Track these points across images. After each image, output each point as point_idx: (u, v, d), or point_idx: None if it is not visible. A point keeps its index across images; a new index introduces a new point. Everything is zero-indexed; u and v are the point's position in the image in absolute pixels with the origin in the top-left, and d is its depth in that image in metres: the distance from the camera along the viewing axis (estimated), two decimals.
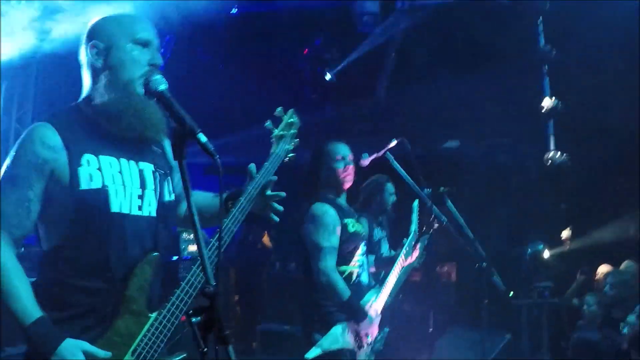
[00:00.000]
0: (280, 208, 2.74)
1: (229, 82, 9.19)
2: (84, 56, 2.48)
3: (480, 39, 7.91)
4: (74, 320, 2.34)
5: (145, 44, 2.44)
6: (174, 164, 2.60)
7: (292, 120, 2.94)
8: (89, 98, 2.46)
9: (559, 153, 7.27)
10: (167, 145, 2.62)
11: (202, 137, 2.04)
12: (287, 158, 2.88)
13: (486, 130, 8.43)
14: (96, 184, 2.36)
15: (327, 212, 4.26)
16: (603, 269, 6.93)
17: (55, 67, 7.12)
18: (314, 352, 4.06)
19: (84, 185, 2.34)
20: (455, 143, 9.02)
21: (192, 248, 7.50)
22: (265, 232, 10.13)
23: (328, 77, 8.86)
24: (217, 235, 2.27)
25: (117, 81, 2.40)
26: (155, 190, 2.51)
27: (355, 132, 9.14)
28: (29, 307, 2.25)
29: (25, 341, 2.32)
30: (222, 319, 1.92)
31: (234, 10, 9.07)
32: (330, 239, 4.20)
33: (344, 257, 4.30)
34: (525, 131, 7.95)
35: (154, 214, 2.49)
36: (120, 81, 2.40)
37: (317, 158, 4.47)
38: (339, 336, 4.15)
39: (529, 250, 7.20)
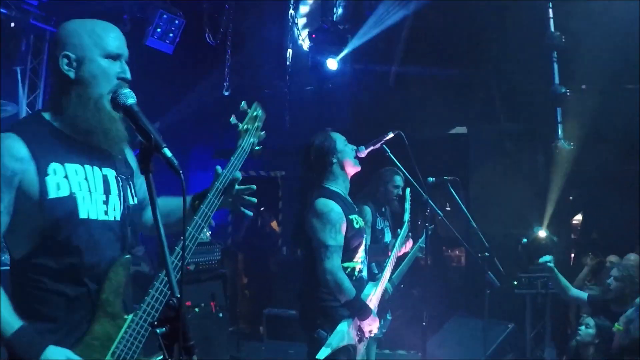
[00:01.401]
0: (254, 200, 2.76)
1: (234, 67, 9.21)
2: (54, 63, 2.46)
3: (490, 23, 7.83)
4: (52, 327, 2.35)
5: (115, 57, 2.45)
6: (135, 168, 2.63)
7: (256, 113, 2.92)
8: (57, 109, 2.46)
9: (566, 142, 7.19)
10: (128, 151, 2.66)
11: (167, 152, 2.04)
12: (254, 152, 2.89)
13: (494, 117, 8.36)
14: (64, 192, 2.38)
15: (333, 209, 4.22)
16: (612, 259, 6.88)
17: None
18: (325, 351, 4.06)
19: (52, 194, 2.35)
20: (463, 129, 8.96)
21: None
22: (274, 218, 10.18)
23: (332, 64, 8.83)
24: (181, 240, 2.32)
25: (87, 96, 2.40)
26: (119, 195, 2.53)
27: (366, 117, 9.08)
28: (7, 317, 2.26)
29: (6, 352, 2.31)
30: (187, 329, 1.95)
31: None
32: (337, 238, 4.18)
33: (349, 253, 4.29)
34: (534, 117, 7.87)
35: (119, 218, 2.51)
36: (91, 97, 2.40)
37: (323, 147, 4.41)
38: (345, 333, 4.15)
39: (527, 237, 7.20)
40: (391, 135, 4.72)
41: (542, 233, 7.34)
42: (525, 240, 7.30)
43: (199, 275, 7.28)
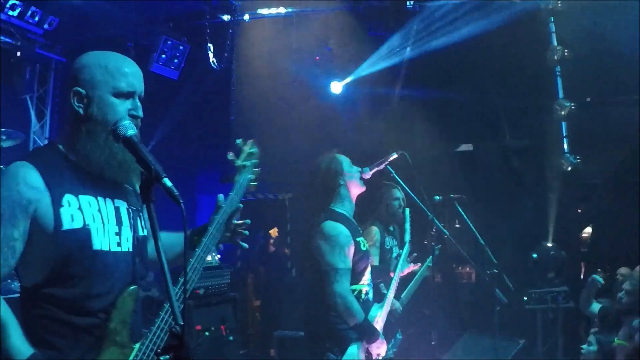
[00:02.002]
0: (246, 233, 2.84)
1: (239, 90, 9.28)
2: (66, 97, 2.48)
3: (494, 39, 7.86)
4: (61, 355, 2.35)
5: (127, 95, 2.46)
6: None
7: (252, 150, 3.02)
8: (69, 141, 2.48)
9: (572, 156, 7.18)
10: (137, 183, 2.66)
11: (167, 182, 2.08)
12: (251, 188, 2.99)
13: (500, 133, 8.36)
14: (78, 224, 2.39)
15: (341, 232, 4.25)
16: (623, 271, 6.83)
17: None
18: None
19: (67, 225, 2.36)
20: (469, 146, 8.97)
21: (208, 258, 7.51)
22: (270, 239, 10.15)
23: (336, 89, 8.90)
24: (184, 272, 2.33)
25: (97, 132, 2.42)
26: (130, 226, 2.56)
27: (371, 137, 9.12)
28: (19, 345, 2.27)
29: None
30: (191, 357, 1.95)
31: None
32: (346, 261, 4.21)
33: (356, 276, 4.30)
34: (540, 133, 7.86)
35: (131, 249, 2.54)
36: (100, 133, 2.42)
37: (330, 169, 4.46)
38: (355, 356, 4.16)
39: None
40: (395, 155, 4.75)
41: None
42: (535, 255, 7.28)
43: (208, 299, 7.28)
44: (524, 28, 7.49)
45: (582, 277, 8.58)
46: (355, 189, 4.49)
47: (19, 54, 7.84)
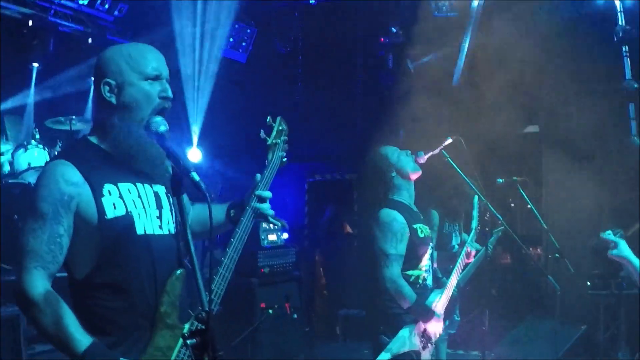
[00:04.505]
0: (272, 212, 2.87)
1: (306, 73, 9.37)
2: (97, 91, 2.58)
3: (561, 16, 7.69)
4: (116, 341, 2.46)
5: (155, 78, 2.56)
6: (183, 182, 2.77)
7: (281, 127, 3.04)
8: (102, 133, 2.60)
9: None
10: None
11: (195, 176, 2.22)
12: (282, 164, 3.01)
13: (565, 114, 8.18)
14: (120, 212, 2.50)
15: (395, 218, 4.34)
16: None
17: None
18: (384, 356, 4.18)
19: (110, 214, 2.47)
20: (535, 128, 8.81)
21: (272, 237, 7.73)
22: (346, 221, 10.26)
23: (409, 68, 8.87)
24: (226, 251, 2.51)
25: (130, 120, 2.53)
26: (170, 210, 2.66)
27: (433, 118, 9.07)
28: (78, 335, 2.35)
29: None
30: (216, 340, 2.09)
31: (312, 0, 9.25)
32: (397, 247, 4.29)
33: (413, 261, 4.39)
34: (608, 114, 7.66)
35: (172, 231, 2.64)
36: (134, 120, 2.53)
37: (376, 167, 4.57)
38: (406, 339, 4.24)
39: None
40: (450, 140, 4.79)
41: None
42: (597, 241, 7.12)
43: (273, 278, 7.50)
44: (591, 6, 7.31)
45: None
46: (410, 175, 4.54)
47: (90, 41, 8.13)
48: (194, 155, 9.26)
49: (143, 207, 2.57)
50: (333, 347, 8.33)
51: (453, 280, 4.73)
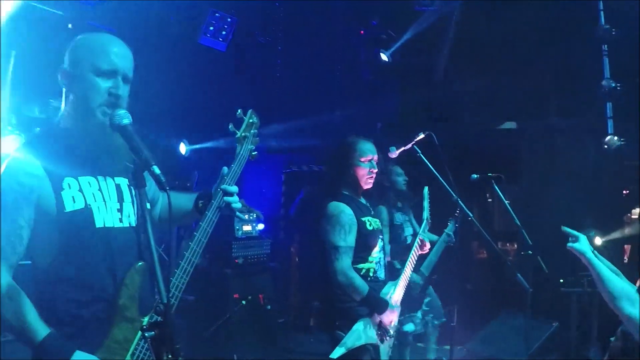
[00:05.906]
0: (239, 206, 2.87)
1: (286, 64, 9.30)
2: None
3: (540, 17, 7.70)
4: (74, 332, 2.47)
5: (108, 74, 2.54)
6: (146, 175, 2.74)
7: (252, 120, 3.05)
8: (65, 121, 2.61)
9: (616, 137, 6.99)
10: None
11: (156, 169, 2.22)
12: (251, 157, 3.01)
13: (544, 111, 8.22)
14: (79, 205, 2.51)
15: (343, 211, 4.32)
16: None
17: None
18: (339, 351, 4.14)
19: (69, 207, 2.49)
20: (512, 124, 8.84)
21: (246, 228, 7.67)
22: None
23: (384, 57, 8.84)
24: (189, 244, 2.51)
25: (77, 108, 2.56)
26: (132, 202, 2.66)
27: (410, 112, 9.08)
28: (35, 324, 2.39)
29: (35, 357, 2.43)
30: (174, 333, 2.06)
31: None
32: (347, 239, 4.26)
33: (363, 254, 4.36)
34: (585, 112, 7.70)
35: (133, 224, 2.64)
36: (80, 108, 2.55)
37: (343, 154, 4.52)
38: (361, 332, 4.22)
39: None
40: (422, 136, 4.78)
41: (597, 240, 7.14)
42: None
43: (247, 269, 7.45)
44: (573, 5, 7.31)
45: (625, 260, 8.43)
46: (368, 179, 4.52)
47: (70, 26, 8.00)
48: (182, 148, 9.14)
49: (103, 200, 2.58)
50: (307, 338, 8.30)
51: (407, 271, 4.71)
